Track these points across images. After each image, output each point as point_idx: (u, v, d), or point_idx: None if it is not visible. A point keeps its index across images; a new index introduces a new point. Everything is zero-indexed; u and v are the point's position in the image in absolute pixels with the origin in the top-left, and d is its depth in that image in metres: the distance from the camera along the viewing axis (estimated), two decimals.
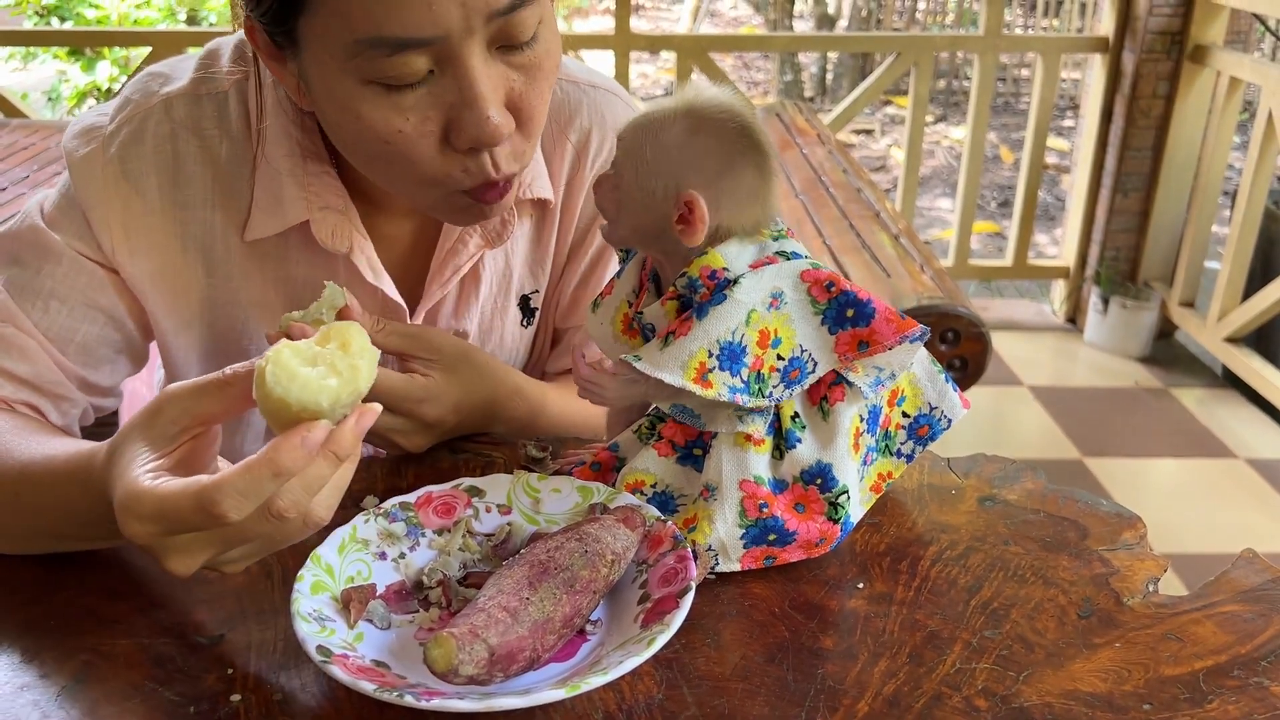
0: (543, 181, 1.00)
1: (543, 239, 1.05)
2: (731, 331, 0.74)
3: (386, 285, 0.96)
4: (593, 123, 1.03)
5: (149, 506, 0.63)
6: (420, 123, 0.79)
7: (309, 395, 0.63)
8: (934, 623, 0.74)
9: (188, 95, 0.94)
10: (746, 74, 8.82)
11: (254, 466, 0.61)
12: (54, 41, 5.07)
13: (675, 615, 0.68)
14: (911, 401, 0.84)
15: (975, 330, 2.11)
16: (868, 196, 2.91)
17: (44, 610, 0.76)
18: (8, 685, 0.69)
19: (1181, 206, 3.80)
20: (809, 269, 0.77)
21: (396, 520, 0.80)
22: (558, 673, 0.68)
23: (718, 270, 0.76)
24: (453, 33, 0.75)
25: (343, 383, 0.64)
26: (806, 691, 0.68)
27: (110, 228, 0.92)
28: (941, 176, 6.52)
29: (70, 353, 0.93)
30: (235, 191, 0.94)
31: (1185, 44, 3.58)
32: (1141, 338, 3.79)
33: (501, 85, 0.80)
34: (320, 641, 0.66)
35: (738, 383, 0.75)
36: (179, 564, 0.66)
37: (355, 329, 0.67)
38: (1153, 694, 0.68)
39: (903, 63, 3.85)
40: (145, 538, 0.64)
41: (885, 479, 0.85)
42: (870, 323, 0.75)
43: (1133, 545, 0.82)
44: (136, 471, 0.65)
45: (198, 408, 0.68)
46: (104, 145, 0.92)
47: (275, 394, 0.62)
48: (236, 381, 0.67)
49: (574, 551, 0.71)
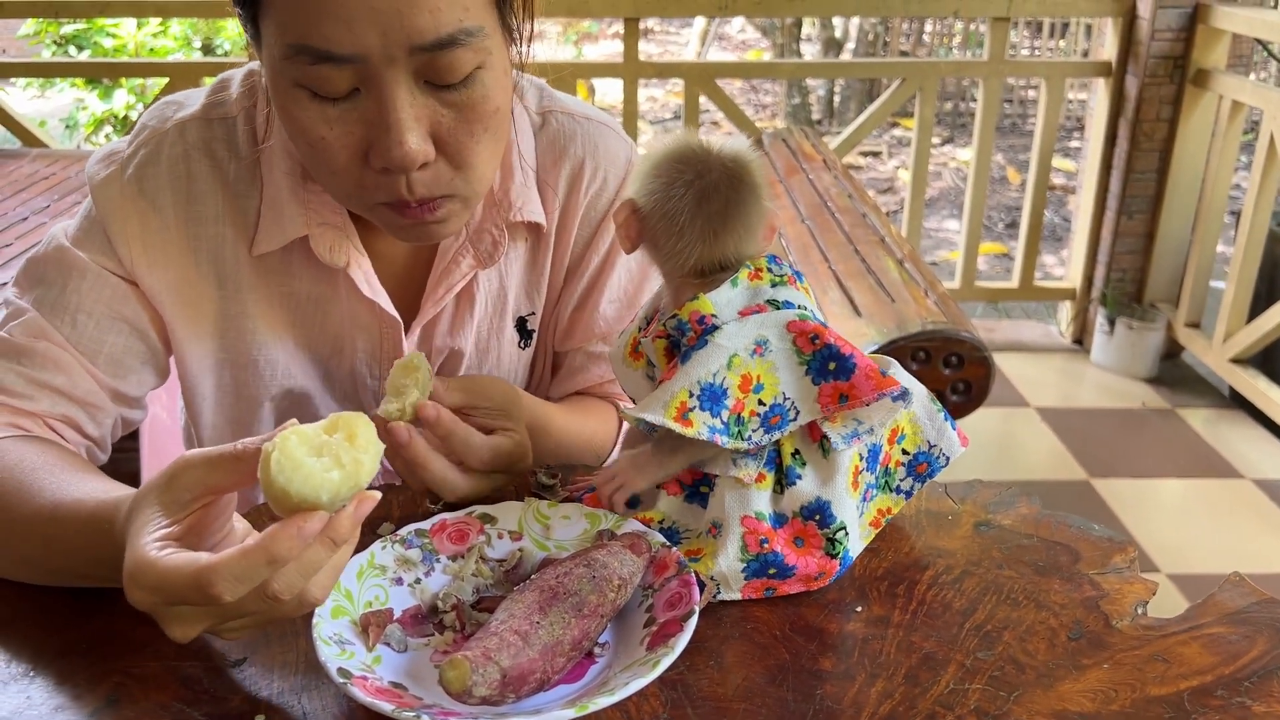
0: (533, 206, 1.04)
1: (538, 262, 1.09)
2: (712, 374, 0.78)
3: (382, 300, 1.01)
4: (585, 152, 1.07)
5: (151, 578, 0.65)
6: (342, 134, 0.84)
7: (309, 489, 0.64)
8: (929, 644, 0.77)
9: (199, 119, 1.00)
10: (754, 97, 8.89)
11: (250, 553, 0.63)
12: (72, 72, 5.15)
13: (679, 638, 0.71)
14: (911, 439, 0.87)
15: (979, 355, 2.14)
16: (873, 221, 2.94)
17: (77, 635, 0.79)
18: (44, 706, 0.72)
19: (1186, 228, 3.82)
20: (795, 319, 0.80)
21: (412, 547, 0.83)
22: (567, 694, 0.71)
23: (705, 316, 0.80)
24: (372, 56, 0.79)
25: (344, 476, 0.65)
26: (806, 711, 0.71)
27: (129, 242, 0.97)
28: (948, 198, 6.56)
29: (100, 364, 0.97)
30: (243, 209, 0.99)
31: (1188, 68, 3.61)
32: (1148, 359, 3.80)
33: (426, 117, 0.84)
34: (341, 664, 0.69)
35: (717, 423, 0.78)
36: (178, 631, 0.68)
37: (363, 420, 0.68)
38: (1139, 713, 0.70)
39: (909, 87, 3.89)
40: (147, 606, 0.67)
41: (884, 514, 0.88)
42: (850, 377, 0.78)
43: (1123, 569, 0.85)
44: (145, 539, 0.67)
45: (209, 479, 0.70)
46: (122, 167, 0.98)
47: (278, 483, 0.64)
48: (247, 457, 0.69)
49: (582, 577, 0.75)
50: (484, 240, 1.02)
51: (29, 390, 0.94)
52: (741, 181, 0.82)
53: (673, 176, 0.82)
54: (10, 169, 3.38)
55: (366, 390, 1.08)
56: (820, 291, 2.49)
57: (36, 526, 0.82)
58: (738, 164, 0.82)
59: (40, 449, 0.90)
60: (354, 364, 1.06)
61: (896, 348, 2.12)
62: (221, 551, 0.65)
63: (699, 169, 0.82)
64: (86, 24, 5.38)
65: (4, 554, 0.85)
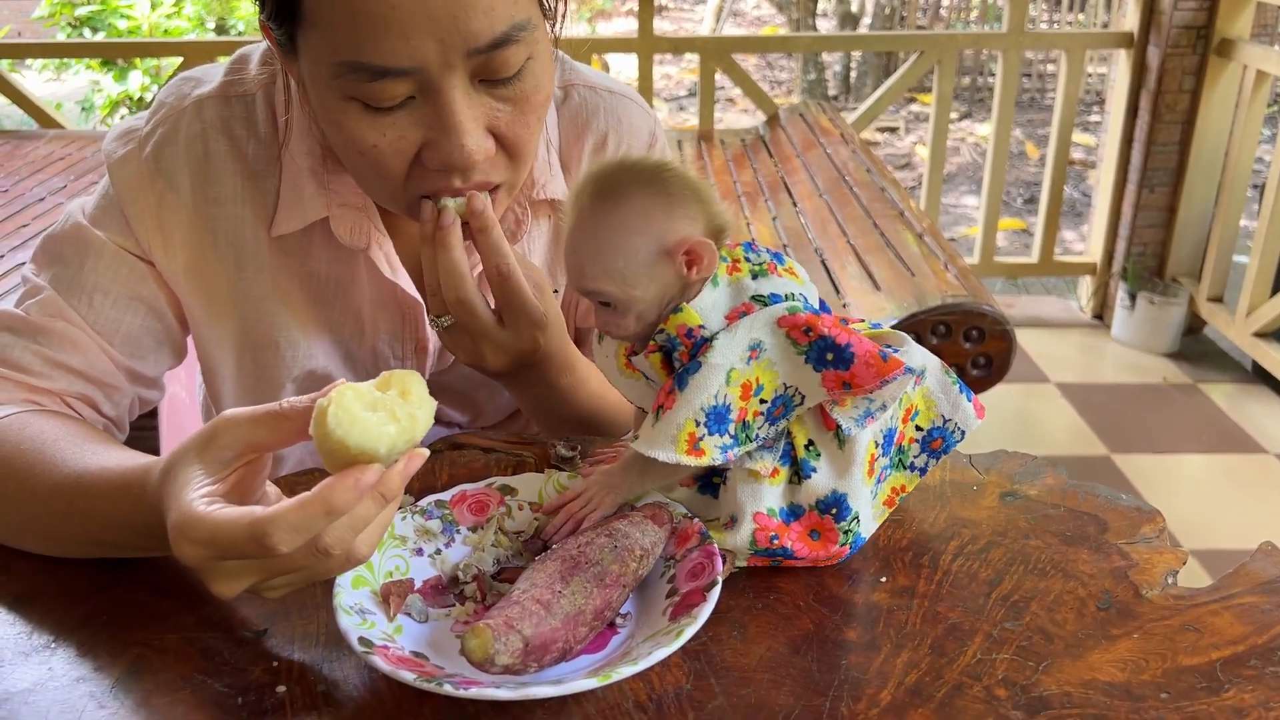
0: (557, 183, 1.03)
1: (560, 239, 1.07)
2: (714, 396, 0.75)
3: (404, 280, 1.00)
4: (609, 126, 1.06)
5: (203, 531, 0.64)
6: (396, 140, 0.83)
7: (369, 440, 0.64)
8: (955, 615, 0.76)
9: (217, 97, 0.98)
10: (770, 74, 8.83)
11: (308, 504, 0.63)
12: (87, 53, 5.16)
13: (703, 608, 0.70)
14: (925, 415, 0.84)
15: (999, 328, 2.12)
16: (891, 195, 2.91)
17: (98, 606, 0.79)
18: (65, 677, 0.72)
19: (1209, 201, 3.78)
20: (785, 315, 0.76)
21: (432, 518, 0.82)
22: (589, 664, 0.71)
23: (694, 328, 0.76)
24: (430, 65, 0.78)
25: (400, 430, 0.65)
26: (830, 682, 0.70)
27: (146, 222, 0.96)
28: (967, 174, 6.50)
29: (117, 343, 0.97)
30: (263, 189, 0.98)
31: (1211, 38, 3.56)
32: (1169, 333, 3.77)
33: (484, 116, 0.83)
34: (362, 634, 0.69)
35: (726, 440, 0.75)
36: (224, 587, 0.68)
37: (415, 378, 0.68)
38: (1170, 683, 0.69)
39: (926, 61, 3.85)
40: (196, 560, 0.66)
41: (899, 493, 0.85)
42: (850, 366, 0.75)
43: (1152, 539, 0.84)
44: (192, 495, 0.67)
45: (252, 436, 0.69)
46: (140, 145, 0.97)
47: (335, 435, 0.63)
48: (294, 415, 0.69)
49: (604, 547, 0.74)
50: (507, 219, 1.01)
51: (46, 369, 0.93)
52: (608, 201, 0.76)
53: (656, 190, 0.77)
54: (27, 150, 3.39)
55: (388, 369, 1.07)
56: (839, 266, 2.47)
57: (61, 496, 0.82)
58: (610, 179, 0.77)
59: (60, 422, 0.89)
60: (375, 344, 1.05)
61: (916, 321, 2.10)
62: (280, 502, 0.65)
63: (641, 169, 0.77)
64: (100, 5, 5.37)
65: (28, 526, 0.85)
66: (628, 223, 0.76)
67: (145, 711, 0.69)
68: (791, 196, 3.05)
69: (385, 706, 0.69)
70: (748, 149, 3.60)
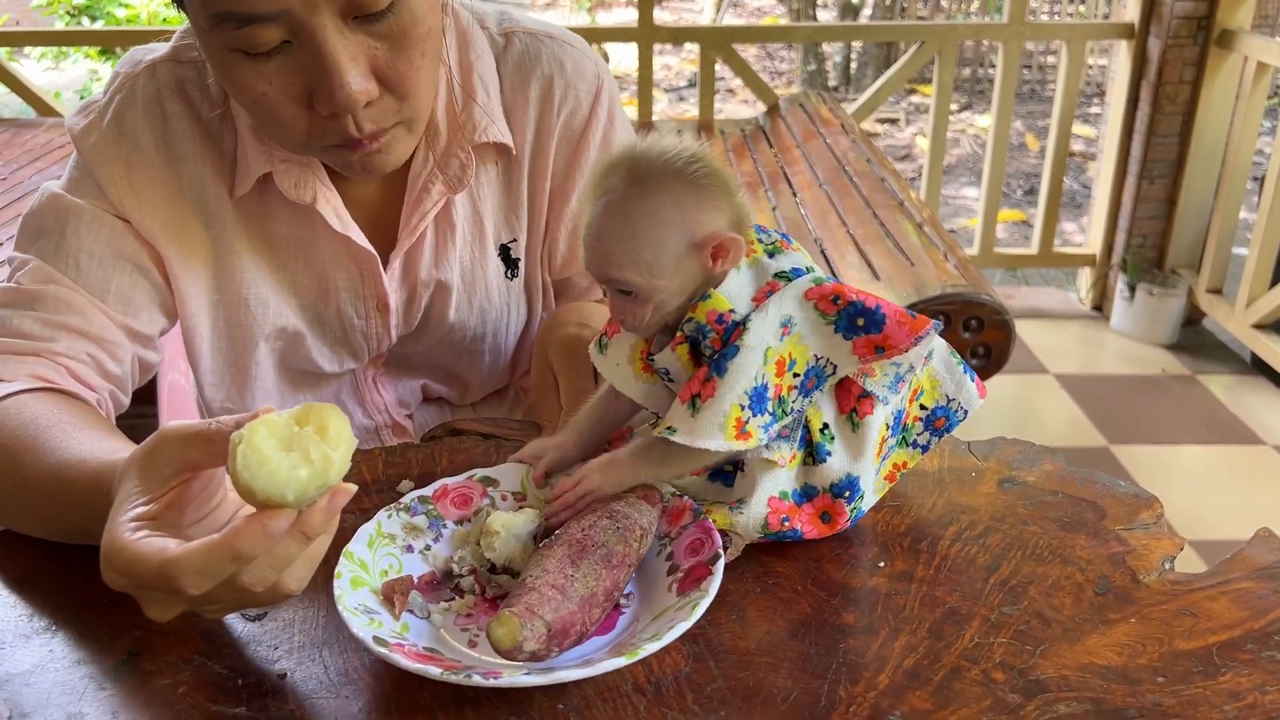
0: (499, 127, 1.03)
1: (513, 187, 1.08)
2: (755, 378, 0.75)
3: (354, 233, 1.01)
4: (554, 70, 1.06)
5: (122, 562, 0.64)
6: (283, 87, 0.84)
7: (274, 486, 0.61)
8: (953, 600, 0.76)
9: (169, 60, 1.01)
10: (770, 64, 8.81)
11: (214, 548, 0.62)
12: (85, 41, 5.14)
13: (712, 581, 0.71)
14: (929, 394, 0.85)
15: (999, 318, 2.12)
16: (891, 186, 2.91)
17: (99, 590, 0.79)
18: (66, 659, 0.72)
19: (1209, 193, 3.77)
20: (811, 287, 0.77)
21: (417, 514, 0.82)
22: (600, 645, 0.71)
23: (724, 314, 0.76)
24: (294, 7, 0.79)
25: (312, 474, 0.62)
26: (829, 665, 0.70)
27: (118, 184, 0.98)
28: (967, 165, 6.50)
29: (110, 301, 0.98)
30: (220, 149, 1.00)
31: (1211, 29, 3.55)
32: (1168, 325, 3.77)
33: (362, 54, 0.83)
34: (374, 634, 0.68)
35: (767, 419, 0.75)
36: (154, 612, 0.67)
37: (335, 413, 0.65)
38: (1167, 667, 0.70)
39: (927, 51, 3.84)
40: (121, 587, 0.65)
41: (899, 469, 0.86)
42: (883, 328, 0.76)
43: (1149, 525, 0.84)
44: (122, 518, 0.66)
45: (186, 454, 0.68)
46: (100, 114, 1.00)
47: (243, 478, 0.61)
48: (219, 439, 0.66)
49: (607, 529, 0.74)
50: (451, 165, 1.02)
51: (48, 333, 0.94)
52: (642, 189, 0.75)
53: (688, 182, 0.75)
54: (26, 138, 3.39)
55: (355, 331, 1.08)
56: (839, 256, 2.47)
57: (45, 485, 0.82)
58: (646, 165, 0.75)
59: (55, 404, 0.89)
60: (339, 305, 1.06)
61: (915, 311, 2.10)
62: (192, 541, 0.63)
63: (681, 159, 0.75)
64: None
65: (20, 511, 0.85)
66: (660, 213, 0.75)
67: (145, 693, 0.69)
68: (791, 187, 3.05)
69: (385, 688, 0.69)
70: (748, 139, 3.60)
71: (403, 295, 1.07)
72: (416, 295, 1.07)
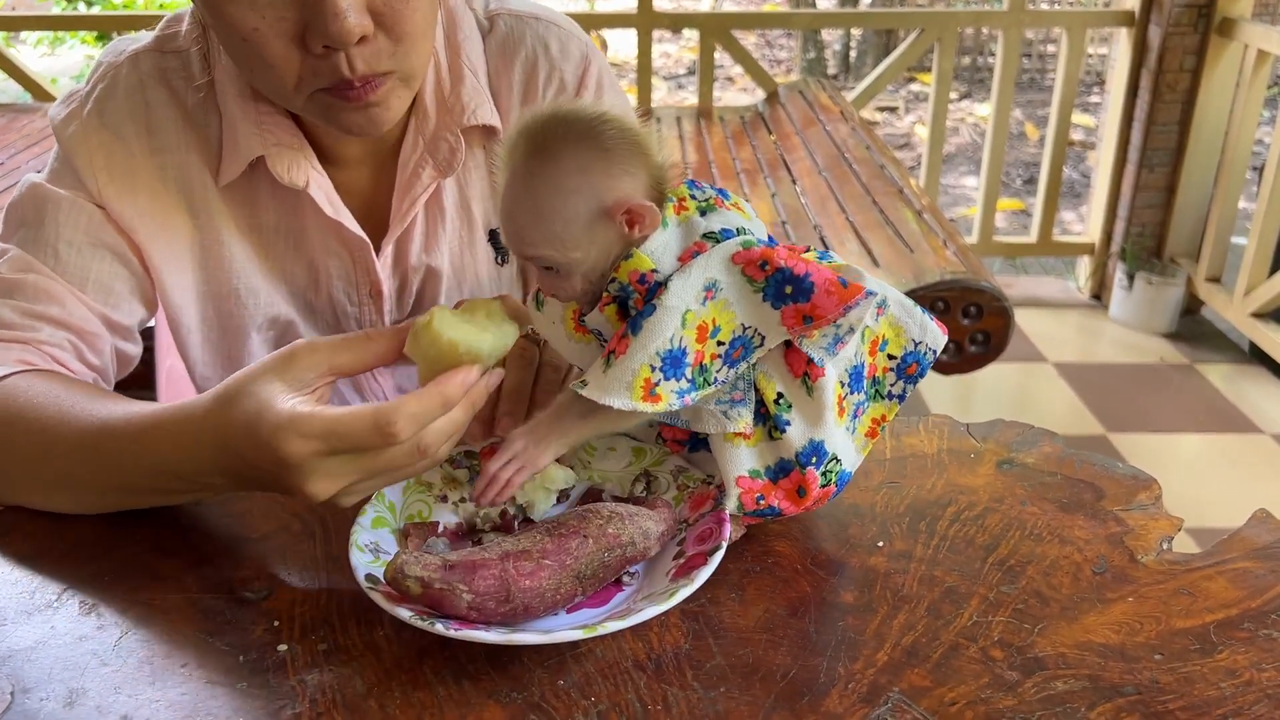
0: (487, 108, 1.02)
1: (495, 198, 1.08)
2: (669, 340, 0.71)
3: (345, 218, 1.01)
4: (537, 52, 1.05)
5: (317, 426, 0.68)
6: (275, 21, 0.82)
7: (473, 339, 0.72)
8: (952, 579, 0.76)
9: (153, 50, 1.00)
10: (769, 52, 8.79)
11: (425, 395, 0.69)
12: (81, 26, 5.14)
13: (702, 571, 0.71)
14: (895, 343, 0.81)
15: (997, 305, 2.12)
16: (891, 173, 2.91)
17: (101, 566, 0.80)
18: (68, 636, 0.72)
19: (1208, 182, 3.77)
20: (739, 250, 0.73)
21: (460, 467, 0.83)
22: (589, 617, 0.71)
23: (646, 273, 0.73)
24: None
25: (496, 337, 0.74)
26: (828, 643, 0.70)
27: (98, 175, 0.97)
28: (966, 154, 6.49)
29: (89, 290, 0.97)
30: (205, 138, 0.99)
31: (1212, 17, 3.55)
32: (1167, 314, 3.77)
33: None
34: (370, 570, 0.70)
35: (684, 385, 0.72)
36: (321, 486, 0.70)
37: (496, 303, 0.77)
38: (1164, 645, 0.70)
39: (926, 39, 3.83)
40: (302, 457, 0.68)
41: (879, 423, 0.82)
42: (811, 297, 0.72)
43: (1147, 505, 0.84)
44: (291, 400, 0.71)
45: (335, 359, 0.74)
46: (81, 104, 0.99)
47: (445, 336, 0.71)
48: (378, 338, 0.75)
49: (578, 514, 0.74)
50: (441, 149, 1.01)
51: (27, 322, 0.94)
52: (544, 151, 0.71)
53: (593, 145, 0.72)
54: (23, 123, 3.38)
55: (348, 319, 1.08)
56: (838, 243, 2.47)
57: (86, 443, 0.82)
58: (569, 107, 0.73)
59: (60, 379, 0.90)
60: (331, 292, 1.06)
61: (915, 298, 2.10)
62: None
63: (580, 122, 0.72)
64: None
65: (46, 480, 0.85)
66: (565, 182, 0.71)
67: (147, 669, 0.69)
68: (791, 174, 3.04)
69: (385, 665, 0.69)
70: (747, 126, 3.59)
71: (395, 282, 1.07)
72: (408, 281, 1.07)
